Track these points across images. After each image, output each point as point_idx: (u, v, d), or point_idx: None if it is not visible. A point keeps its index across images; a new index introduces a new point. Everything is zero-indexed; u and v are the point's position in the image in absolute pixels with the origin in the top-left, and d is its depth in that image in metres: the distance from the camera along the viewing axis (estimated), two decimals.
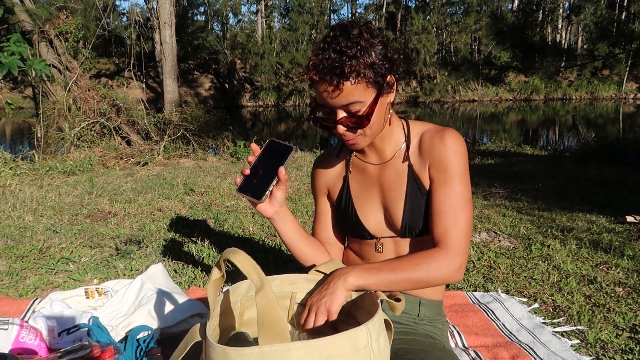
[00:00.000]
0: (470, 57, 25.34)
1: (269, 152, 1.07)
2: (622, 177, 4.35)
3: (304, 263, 1.23)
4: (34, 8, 6.31)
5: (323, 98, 1.03)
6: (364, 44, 0.98)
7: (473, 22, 29.14)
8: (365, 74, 0.99)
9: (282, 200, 1.12)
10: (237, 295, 1.04)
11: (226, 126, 8.00)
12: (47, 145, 6.36)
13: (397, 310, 0.96)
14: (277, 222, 1.15)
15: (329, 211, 1.30)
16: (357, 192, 1.22)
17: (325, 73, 0.98)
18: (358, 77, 0.98)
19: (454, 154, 1.09)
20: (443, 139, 1.10)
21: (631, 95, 25.64)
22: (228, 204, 3.51)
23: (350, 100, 1.01)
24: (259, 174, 1.06)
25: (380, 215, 1.19)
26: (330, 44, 0.99)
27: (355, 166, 1.23)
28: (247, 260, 0.86)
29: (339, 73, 0.97)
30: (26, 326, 1.27)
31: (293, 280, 1.08)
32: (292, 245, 1.20)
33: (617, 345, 1.48)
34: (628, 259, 2.22)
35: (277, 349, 0.76)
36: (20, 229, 2.83)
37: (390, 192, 1.16)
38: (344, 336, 0.79)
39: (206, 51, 30.77)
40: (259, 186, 1.05)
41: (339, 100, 1.01)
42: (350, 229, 1.25)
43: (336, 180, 1.27)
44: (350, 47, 0.97)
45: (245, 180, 1.07)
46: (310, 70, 1.00)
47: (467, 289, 1.96)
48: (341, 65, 0.96)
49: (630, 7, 10.61)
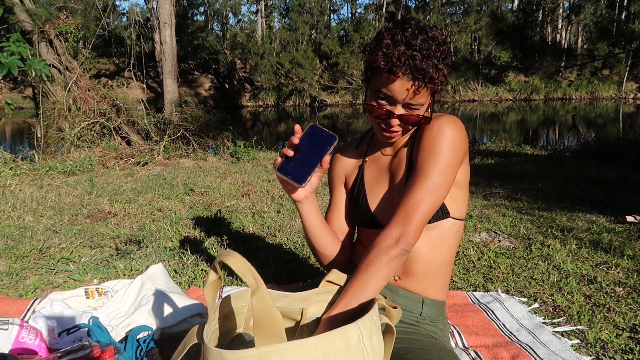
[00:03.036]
0: (470, 57, 25.29)
1: (311, 137, 1.06)
2: (622, 177, 4.35)
3: (320, 249, 1.24)
4: (34, 8, 6.31)
5: (393, 91, 1.03)
6: (443, 50, 1.01)
7: (473, 22, 29.14)
8: (439, 79, 1.02)
9: (316, 186, 1.13)
10: (245, 300, 1.04)
11: (226, 126, 8.01)
12: (47, 146, 6.36)
13: (394, 320, 0.96)
14: (304, 206, 1.16)
15: (343, 200, 1.32)
16: (370, 180, 1.24)
17: (413, 75, 0.99)
18: (434, 83, 1.02)
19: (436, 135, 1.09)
20: (433, 124, 1.10)
21: (631, 95, 25.65)
22: (228, 204, 3.51)
23: (418, 102, 1.04)
24: (300, 157, 1.06)
25: (389, 203, 1.20)
26: (411, 43, 0.99)
27: (371, 156, 1.26)
28: (241, 262, 0.85)
29: (426, 79, 1.00)
30: (26, 326, 1.27)
31: (305, 297, 1.08)
32: (313, 230, 1.21)
33: (617, 345, 1.48)
34: (628, 258, 2.22)
35: (273, 349, 0.76)
36: (20, 229, 2.83)
37: (396, 179, 1.18)
38: (336, 333, 0.80)
39: (206, 51, 30.78)
40: (301, 170, 1.05)
41: (409, 99, 1.03)
42: (359, 218, 1.26)
43: (353, 169, 1.29)
44: (435, 52, 1.00)
45: (285, 161, 1.06)
46: (397, 68, 0.99)
47: (467, 289, 1.96)
48: (428, 70, 0.99)
49: (630, 7, 10.61)
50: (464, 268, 2.18)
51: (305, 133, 1.07)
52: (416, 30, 1.00)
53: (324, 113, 23.07)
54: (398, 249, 1.02)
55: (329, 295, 1.10)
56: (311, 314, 1.09)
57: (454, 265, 2.19)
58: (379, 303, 0.95)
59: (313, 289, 1.09)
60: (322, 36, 30.89)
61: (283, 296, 1.06)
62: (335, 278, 1.10)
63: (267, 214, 3.19)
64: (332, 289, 1.09)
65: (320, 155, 1.04)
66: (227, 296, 1.01)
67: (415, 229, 1.03)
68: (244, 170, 5.36)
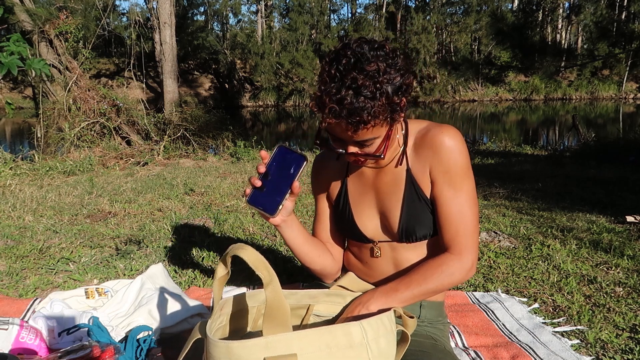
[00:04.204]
0: (470, 57, 25.32)
1: (279, 161, 1.02)
2: (622, 177, 4.35)
3: (309, 265, 1.22)
4: (34, 8, 6.31)
5: (336, 132, 0.99)
6: (382, 80, 0.91)
7: (473, 22, 29.14)
8: (383, 114, 0.94)
9: (291, 209, 1.09)
10: (256, 301, 1.04)
11: (226, 126, 8.01)
12: (47, 145, 6.36)
13: (409, 329, 0.96)
14: (284, 229, 1.13)
15: (328, 213, 1.29)
16: (354, 195, 1.20)
17: (342, 118, 0.92)
18: (375, 119, 0.93)
19: (453, 153, 1.06)
20: (441, 140, 1.06)
21: (631, 95, 25.66)
22: (228, 204, 3.51)
23: (365, 138, 0.98)
24: (270, 184, 1.01)
25: (377, 219, 1.18)
26: (343, 80, 0.91)
27: (354, 169, 1.21)
28: (255, 255, 0.85)
29: (357, 121, 0.92)
30: (26, 326, 1.27)
31: (313, 295, 1.08)
32: (298, 249, 1.18)
33: (617, 345, 1.48)
34: (628, 259, 2.22)
35: (280, 338, 0.78)
36: (20, 229, 2.83)
37: (387, 196, 1.14)
38: (340, 327, 0.83)
39: (206, 51, 30.79)
40: (271, 199, 1.01)
41: (353, 138, 0.98)
42: (347, 232, 1.24)
43: (335, 181, 1.25)
44: (367, 86, 0.90)
45: (255, 191, 1.02)
46: (325, 113, 0.93)
47: (467, 289, 1.96)
48: (360, 111, 0.90)
49: (630, 7, 10.61)
50: None
51: (273, 157, 1.02)
52: (352, 60, 0.91)
53: None
54: (468, 277, 1.09)
55: (340, 298, 1.10)
56: (318, 311, 1.10)
57: None
58: (396, 311, 0.96)
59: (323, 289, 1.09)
60: (322, 36, 30.90)
61: (291, 294, 1.07)
62: (349, 283, 1.10)
63: None
64: (343, 293, 1.09)
65: (290, 181, 1.00)
66: (241, 294, 1.02)
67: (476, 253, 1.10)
68: (244, 170, 5.36)
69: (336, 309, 1.09)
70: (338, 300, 1.09)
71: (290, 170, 1.01)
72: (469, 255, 1.08)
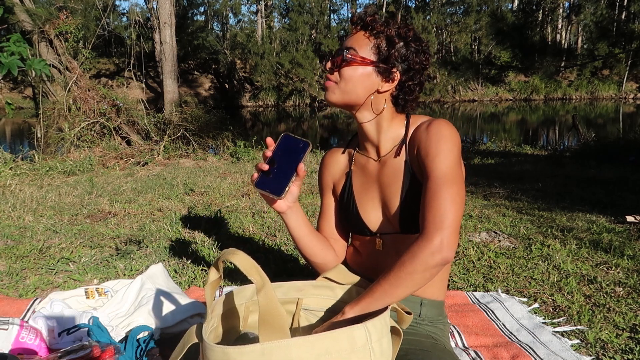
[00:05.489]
0: (470, 57, 25.31)
1: (284, 147, 1.07)
2: (622, 177, 4.35)
3: (311, 258, 1.23)
4: (34, 8, 6.31)
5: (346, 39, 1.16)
6: (394, 22, 1.13)
7: (473, 22, 29.15)
8: (378, 36, 1.11)
9: (297, 195, 1.12)
10: (242, 298, 1.04)
11: (226, 126, 8.01)
12: (47, 146, 6.36)
13: (404, 324, 0.95)
14: (289, 216, 1.16)
15: (333, 207, 1.32)
16: (358, 188, 1.23)
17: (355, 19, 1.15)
18: (371, 34, 1.11)
19: (436, 137, 1.07)
20: (428, 128, 1.10)
21: (631, 95, 25.66)
22: (228, 204, 3.51)
23: (351, 45, 1.12)
24: (276, 169, 1.06)
25: (379, 211, 1.19)
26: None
27: (358, 162, 1.24)
28: (247, 260, 0.85)
29: (362, 21, 1.13)
30: (26, 326, 1.27)
31: (300, 287, 1.08)
32: (301, 240, 1.20)
33: (617, 345, 1.48)
34: (628, 258, 2.22)
35: (277, 345, 0.76)
36: (20, 229, 2.83)
37: (388, 188, 1.16)
38: (342, 332, 0.80)
39: (206, 51, 30.80)
40: (278, 182, 1.05)
41: (347, 42, 1.14)
42: (351, 225, 1.25)
43: (340, 175, 1.28)
44: (383, 16, 1.16)
45: (262, 175, 1.06)
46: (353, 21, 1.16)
47: (467, 289, 1.96)
48: (368, 18, 1.12)
49: (630, 7, 10.60)
50: (464, 268, 2.18)
51: (278, 144, 1.07)
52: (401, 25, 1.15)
53: (324, 113, 23.08)
54: (439, 257, 0.95)
55: (328, 291, 1.09)
56: (307, 305, 1.09)
57: (453, 265, 2.20)
58: (392, 306, 0.95)
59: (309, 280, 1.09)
60: (322, 36, 30.90)
61: (278, 286, 1.07)
62: (336, 275, 1.10)
63: (267, 214, 3.19)
64: (331, 285, 1.09)
65: (295, 164, 1.04)
66: (228, 293, 1.01)
67: (455, 235, 0.97)
68: (244, 170, 5.36)
69: (326, 302, 1.09)
70: (327, 293, 1.09)
71: (295, 154, 1.05)
72: (436, 234, 0.96)
